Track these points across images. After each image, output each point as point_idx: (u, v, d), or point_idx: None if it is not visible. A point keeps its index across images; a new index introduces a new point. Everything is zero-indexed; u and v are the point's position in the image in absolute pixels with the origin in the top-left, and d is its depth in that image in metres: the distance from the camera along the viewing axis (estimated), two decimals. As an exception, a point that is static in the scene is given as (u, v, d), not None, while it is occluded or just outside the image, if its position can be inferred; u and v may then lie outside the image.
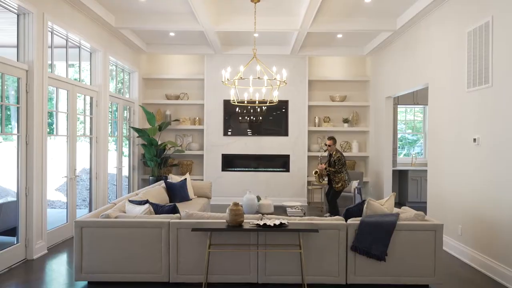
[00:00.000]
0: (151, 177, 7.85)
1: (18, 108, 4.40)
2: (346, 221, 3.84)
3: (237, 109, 8.11)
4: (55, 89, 5.24)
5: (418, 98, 8.45)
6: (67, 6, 5.19)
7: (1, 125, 4.20)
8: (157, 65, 8.74)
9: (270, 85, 5.18)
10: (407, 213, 3.98)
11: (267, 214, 5.12)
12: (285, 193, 8.27)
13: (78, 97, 5.70)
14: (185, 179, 6.46)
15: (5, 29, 4.87)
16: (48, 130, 4.89)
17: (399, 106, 8.65)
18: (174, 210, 4.10)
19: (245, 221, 3.71)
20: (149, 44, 8.02)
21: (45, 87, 4.70)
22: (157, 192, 5.64)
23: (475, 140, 4.39)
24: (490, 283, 3.98)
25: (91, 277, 3.76)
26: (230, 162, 8.46)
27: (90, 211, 6.04)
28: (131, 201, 4.21)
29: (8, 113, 4.67)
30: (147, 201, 4.23)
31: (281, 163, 8.44)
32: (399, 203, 8.09)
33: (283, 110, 8.32)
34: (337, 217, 3.94)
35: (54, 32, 5.13)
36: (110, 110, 6.79)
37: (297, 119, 8.32)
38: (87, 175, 6.30)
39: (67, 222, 5.44)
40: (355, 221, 3.80)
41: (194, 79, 8.59)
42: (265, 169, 8.40)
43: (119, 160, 7.35)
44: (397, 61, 6.88)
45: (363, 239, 3.69)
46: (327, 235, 3.74)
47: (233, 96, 5.64)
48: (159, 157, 7.81)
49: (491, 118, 4.14)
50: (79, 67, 5.92)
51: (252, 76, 5.04)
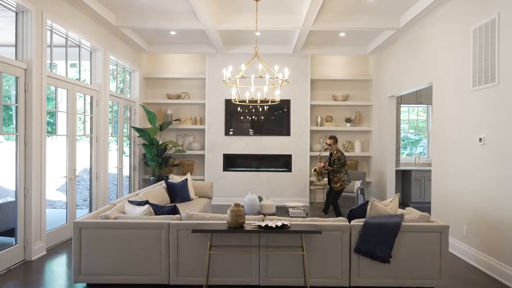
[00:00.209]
0: (152, 177, 7.79)
1: (16, 107, 4.35)
2: (349, 222, 3.78)
3: (239, 109, 8.05)
4: (55, 88, 5.19)
5: (421, 97, 8.38)
6: (66, 4, 5.13)
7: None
8: (158, 64, 8.68)
9: (272, 84, 5.12)
10: (411, 214, 3.91)
11: (269, 214, 5.06)
12: (287, 193, 8.21)
13: (78, 96, 5.64)
14: (186, 179, 6.40)
15: (3, 28, 4.82)
16: (48, 129, 4.84)
17: (402, 105, 8.58)
18: (174, 210, 4.04)
19: (246, 222, 3.66)
20: (150, 43, 7.97)
21: (44, 86, 4.64)
22: (157, 192, 5.58)
23: (481, 139, 4.32)
24: (496, 285, 3.91)
25: (90, 279, 3.70)
26: (231, 162, 8.40)
27: (90, 211, 5.99)
28: (131, 202, 4.15)
29: (10, 113, 4.62)
30: (147, 202, 4.18)
31: (283, 163, 8.37)
32: (402, 204, 8.01)
33: (285, 109, 8.25)
34: (340, 218, 3.87)
35: (53, 30, 5.07)
36: (110, 109, 6.74)
37: (299, 119, 8.25)
38: (88, 175, 6.25)
39: (66, 222, 5.39)
40: (358, 223, 3.73)
41: (195, 79, 8.53)
42: (267, 169, 8.34)
43: (119, 160, 7.30)
44: (401, 59, 6.80)
45: (367, 240, 3.62)
46: (330, 236, 3.67)
47: (234, 95, 5.58)
48: (160, 157, 7.76)
49: (497, 117, 4.06)
50: (79, 66, 5.87)
51: (253, 75, 4.99)
